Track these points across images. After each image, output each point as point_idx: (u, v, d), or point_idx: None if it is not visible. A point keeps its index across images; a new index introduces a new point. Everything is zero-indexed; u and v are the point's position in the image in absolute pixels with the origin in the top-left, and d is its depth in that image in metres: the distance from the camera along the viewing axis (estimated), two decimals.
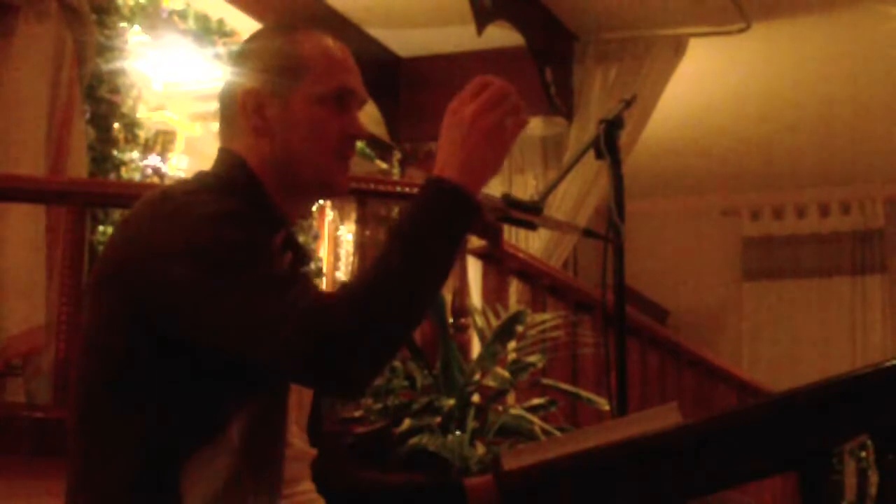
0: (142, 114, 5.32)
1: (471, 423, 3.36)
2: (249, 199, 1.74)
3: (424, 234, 1.55)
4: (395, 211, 7.24)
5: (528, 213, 2.16)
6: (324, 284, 6.50)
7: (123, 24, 5.15)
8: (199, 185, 1.72)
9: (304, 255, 1.87)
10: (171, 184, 1.78)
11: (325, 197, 1.88)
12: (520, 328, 3.61)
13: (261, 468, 1.67)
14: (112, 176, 4.93)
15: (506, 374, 3.46)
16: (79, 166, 4.62)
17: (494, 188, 6.52)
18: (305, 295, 1.52)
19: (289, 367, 1.52)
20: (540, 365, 3.69)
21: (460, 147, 1.61)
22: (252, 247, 1.58)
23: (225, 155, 1.81)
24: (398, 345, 1.58)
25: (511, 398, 3.66)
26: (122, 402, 1.64)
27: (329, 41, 1.84)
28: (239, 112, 1.80)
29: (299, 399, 1.80)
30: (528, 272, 4.78)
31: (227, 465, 1.62)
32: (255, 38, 1.89)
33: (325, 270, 6.59)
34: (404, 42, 7.30)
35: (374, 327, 1.50)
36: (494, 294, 4.38)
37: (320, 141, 1.78)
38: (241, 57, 1.85)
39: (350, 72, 1.83)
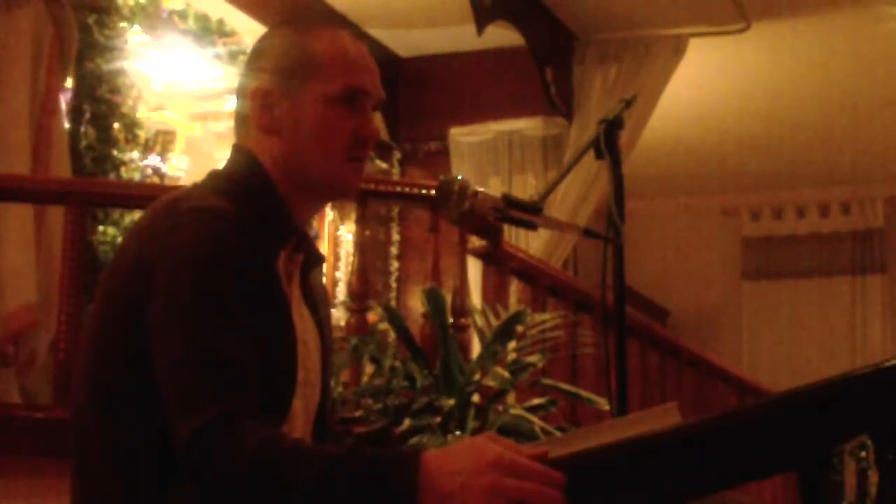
0: (142, 114, 5.32)
1: (471, 423, 3.35)
2: (261, 203, 1.73)
3: (347, 482, 1.44)
4: (396, 211, 7.27)
5: (528, 213, 2.16)
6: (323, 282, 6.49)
7: (123, 24, 5.16)
8: (210, 196, 1.70)
9: (316, 257, 1.86)
10: (184, 191, 1.77)
11: (335, 198, 1.86)
12: (520, 328, 3.60)
13: None
14: (112, 176, 4.93)
15: (506, 374, 3.45)
16: (61, 165, 4.60)
17: (494, 188, 6.53)
18: (235, 398, 1.52)
19: (181, 450, 1.52)
20: (540, 365, 3.69)
21: (460, 475, 1.42)
22: (224, 300, 1.58)
23: (238, 152, 1.81)
24: None
25: (511, 398, 3.66)
26: (122, 406, 1.64)
27: (345, 39, 1.81)
28: (249, 113, 1.79)
29: (305, 405, 1.80)
30: (528, 272, 4.78)
31: None
32: (270, 34, 1.86)
33: (325, 270, 6.59)
34: (404, 42, 7.30)
35: (250, 492, 1.48)
36: (494, 294, 4.38)
37: (329, 141, 1.75)
38: (255, 54, 1.84)
39: (364, 71, 1.80)
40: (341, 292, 6.61)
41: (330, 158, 1.76)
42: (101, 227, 4.82)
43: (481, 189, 2.13)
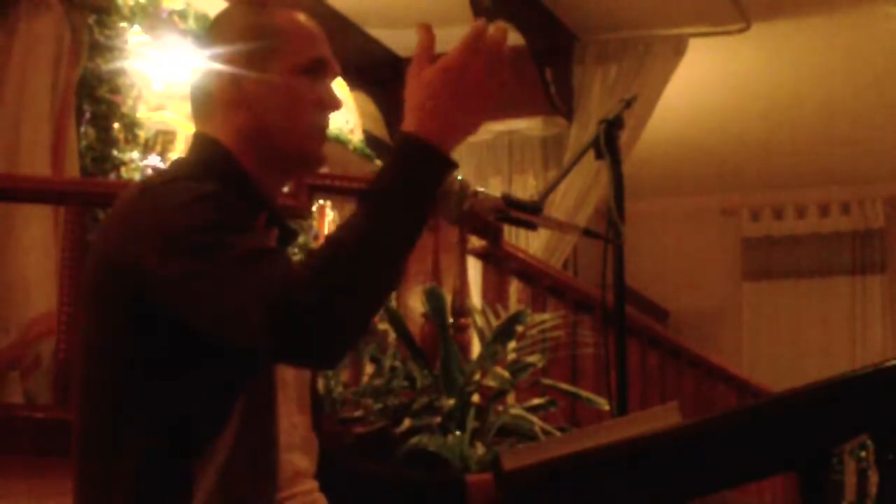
0: (142, 114, 5.31)
1: (471, 423, 3.35)
2: (227, 181, 1.72)
3: (393, 198, 1.54)
4: None
5: (528, 213, 2.16)
6: None
7: (123, 24, 5.15)
8: (177, 173, 1.71)
9: (290, 233, 1.86)
10: (148, 177, 1.79)
11: (303, 169, 1.88)
12: (520, 328, 3.60)
13: (257, 455, 1.67)
14: (112, 176, 4.93)
15: (506, 374, 3.45)
16: (73, 167, 4.62)
17: (494, 188, 6.53)
18: (274, 271, 1.50)
19: (262, 346, 1.51)
20: (540, 365, 3.69)
21: (434, 98, 1.56)
22: (225, 227, 1.56)
23: (199, 139, 1.81)
24: (370, 311, 1.56)
25: (511, 398, 3.66)
26: (124, 405, 1.64)
27: (300, 15, 1.85)
28: (214, 88, 1.79)
29: (296, 372, 1.79)
30: (528, 272, 4.78)
31: (225, 459, 1.62)
32: (226, 15, 1.88)
33: None
34: (404, 42, 7.30)
35: (343, 298, 1.48)
36: (494, 294, 4.38)
37: (298, 110, 1.78)
38: (214, 33, 1.85)
39: (324, 43, 1.84)
40: None
41: (297, 127, 1.78)
42: None
43: (481, 189, 2.13)
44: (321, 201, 6.48)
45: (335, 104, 1.83)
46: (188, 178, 1.67)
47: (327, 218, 6.79)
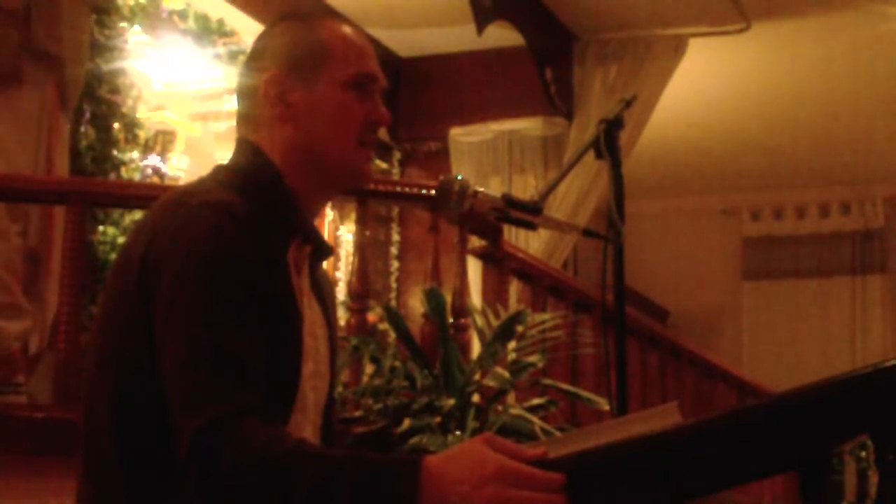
0: (142, 114, 5.32)
1: (471, 423, 3.35)
2: (269, 197, 1.73)
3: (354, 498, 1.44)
4: (396, 211, 7.27)
5: (528, 213, 2.16)
6: None
7: (123, 24, 5.15)
8: (218, 192, 1.69)
9: (325, 249, 1.86)
10: (190, 185, 1.78)
11: (349, 184, 1.87)
12: (520, 328, 3.60)
13: None
14: (112, 176, 4.93)
15: (506, 374, 3.45)
16: (62, 164, 4.56)
17: (494, 188, 6.53)
18: (240, 396, 1.51)
19: (184, 448, 1.51)
20: (540, 365, 3.69)
21: (461, 485, 1.43)
22: (231, 298, 1.57)
23: (244, 146, 1.81)
24: None
25: (511, 398, 3.66)
26: (129, 408, 1.64)
27: (348, 28, 1.85)
28: (260, 101, 1.79)
29: (315, 397, 1.80)
30: (528, 272, 4.78)
31: None
32: (273, 28, 1.88)
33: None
34: (404, 42, 7.30)
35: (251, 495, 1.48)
36: (494, 294, 4.38)
37: (344, 126, 1.78)
38: (260, 47, 1.85)
39: (371, 58, 1.84)
40: (341, 292, 6.61)
41: (344, 143, 1.78)
42: (101, 227, 4.81)
43: (481, 189, 2.13)
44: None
45: (383, 119, 1.82)
46: (229, 196, 1.66)
47: (327, 218, 6.80)
